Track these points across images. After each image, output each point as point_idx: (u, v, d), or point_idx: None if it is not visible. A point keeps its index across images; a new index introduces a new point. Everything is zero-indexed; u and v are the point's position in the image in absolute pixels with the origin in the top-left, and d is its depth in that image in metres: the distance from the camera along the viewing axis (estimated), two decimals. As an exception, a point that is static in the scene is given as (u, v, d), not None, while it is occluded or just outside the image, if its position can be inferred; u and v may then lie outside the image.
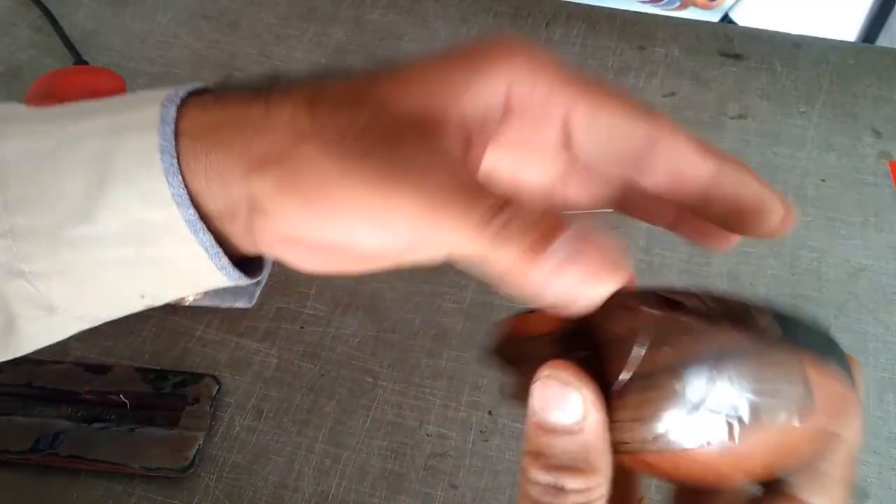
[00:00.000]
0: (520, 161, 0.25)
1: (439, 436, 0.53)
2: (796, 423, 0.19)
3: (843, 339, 0.64)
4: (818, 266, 0.63)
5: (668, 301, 0.20)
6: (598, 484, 0.20)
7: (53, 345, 0.56)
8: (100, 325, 0.59)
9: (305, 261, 0.24)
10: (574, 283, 0.19)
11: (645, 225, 0.71)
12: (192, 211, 0.24)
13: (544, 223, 0.19)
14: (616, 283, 0.19)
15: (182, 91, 0.25)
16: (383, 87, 0.23)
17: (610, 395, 0.20)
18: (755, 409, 0.19)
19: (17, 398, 0.52)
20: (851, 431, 0.21)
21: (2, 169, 0.25)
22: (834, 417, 0.20)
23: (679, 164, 0.24)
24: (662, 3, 0.93)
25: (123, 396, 0.53)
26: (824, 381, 0.20)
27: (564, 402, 0.19)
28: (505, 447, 0.52)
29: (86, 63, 0.74)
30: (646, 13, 0.83)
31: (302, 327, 0.58)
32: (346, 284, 0.60)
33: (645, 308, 0.19)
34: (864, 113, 0.74)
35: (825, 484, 0.21)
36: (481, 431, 0.54)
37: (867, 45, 0.89)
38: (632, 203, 0.27)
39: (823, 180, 0.69)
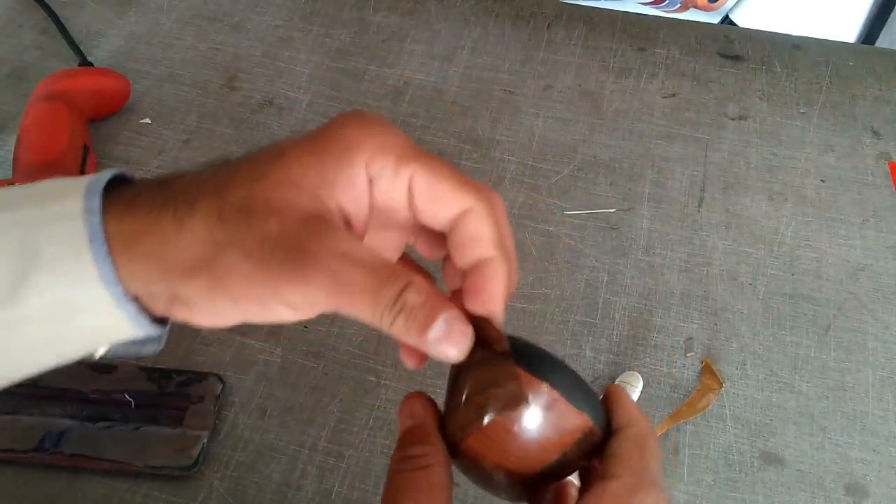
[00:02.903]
0: (381, 227, 0.31)
1: (441, 434, 0.54)
2: (509, 413, 0.28)
3: (843, 339, 0.65)
4: (818, 266, 0.63)
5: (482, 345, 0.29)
6: (432, 452, 0.30)
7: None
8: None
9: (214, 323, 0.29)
10: (440, 352, 0.28)
11: (646, 225, 0.72)
12: (119, 289, 0.27)
13: (424, 312, 0.27)
14: (462, 355, 0.28)
15: (101, 181, 0.28)
16: (276, 192, 0.27)
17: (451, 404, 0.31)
18: (488, 404, 0.29)
19: (22, 397, 0.53)
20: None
21: None
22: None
23: (473, 236, 0.29)
24: (663, 4, 0.93)
25: (128, 395, 0.53)
26: (535, 388, 0.29)
27: (412, 411, 0.31)
28: (507, 446, 0.53)
29: (90, 64, 0.74)
30: (646, 15, 0.84)
31: (305, 327, 0.58)
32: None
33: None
34: (863, 114, 0.75)
35: (619, 459, 0.30)
36: (483, 430, 0.54)
37: (867, 46, 0.89)
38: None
39: (823, 181, 0.69)
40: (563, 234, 0.65)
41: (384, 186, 0.28)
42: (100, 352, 0.31)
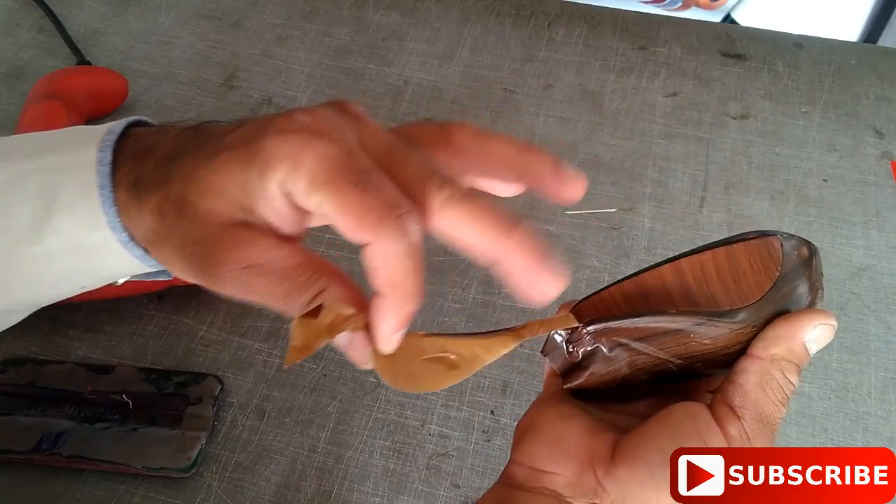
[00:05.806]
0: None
1: (441, 435, 0.53)
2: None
3: (845, 339, 0.64)
4: (820, 266, 0.63)
5: None
6: None
7: (57, 345, 0.56)
8: (102, 326, 0.59)
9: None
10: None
11: (648, 225, 0.71)
12: (125, 234, 0.30)
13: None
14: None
15: (115, 132, 0.31)
16: (202, 199, 0.29)
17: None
18: None
19: (20, 398, 0.52)
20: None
21: None
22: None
23: (370, 267, 0.29)
24: (664, 3, 0.93)
25: (126, 396, 0.53)
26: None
27: (824, 339, 0.32)
28: (507, 446, 0.52)
29: (88, 63, 0.74)
30: (648, 13, 0.83)
31: (304, 327, 0.58)
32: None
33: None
34: (865, 113, 0.74)
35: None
36: (483, 431, 0.54)
37: (869, 44, 0.89)
38: None
39: (825, 180, 0.69)
40: (564, 234, 0.64)
41: (300, 200, 0.28)
42: (120, 280, 0.35)
